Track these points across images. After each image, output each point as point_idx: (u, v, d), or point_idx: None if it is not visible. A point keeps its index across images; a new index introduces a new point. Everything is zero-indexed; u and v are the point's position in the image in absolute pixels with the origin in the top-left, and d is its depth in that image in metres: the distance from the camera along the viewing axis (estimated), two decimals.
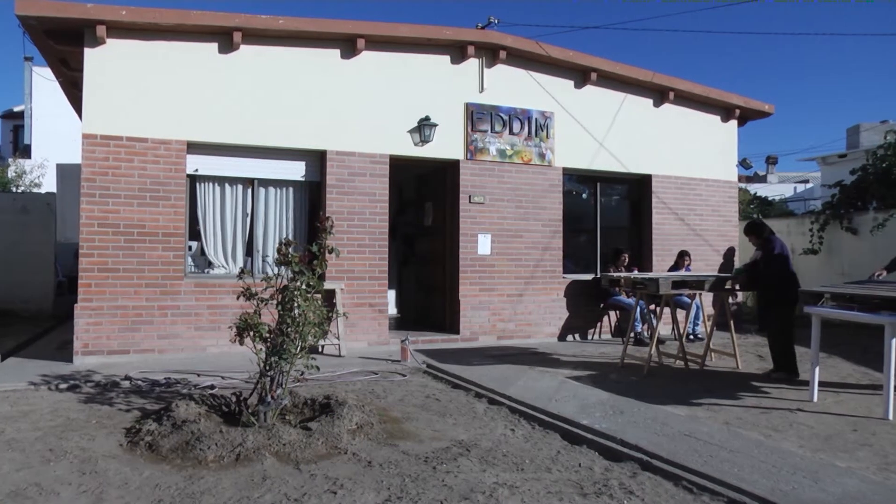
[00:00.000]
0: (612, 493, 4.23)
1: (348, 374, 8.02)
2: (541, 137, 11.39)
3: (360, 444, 5.13)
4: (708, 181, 13.16)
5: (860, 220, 14.75)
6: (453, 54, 10.80)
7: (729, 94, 13.20)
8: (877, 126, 24.26)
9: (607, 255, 12.04)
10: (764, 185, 32.18)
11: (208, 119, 9.31)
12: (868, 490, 4.24)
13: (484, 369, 8.32)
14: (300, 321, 5.45)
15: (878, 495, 4.15)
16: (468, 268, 10.85)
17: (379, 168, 10.24)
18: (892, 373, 6.31)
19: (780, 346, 8.22)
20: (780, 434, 5.71)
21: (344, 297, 9.77)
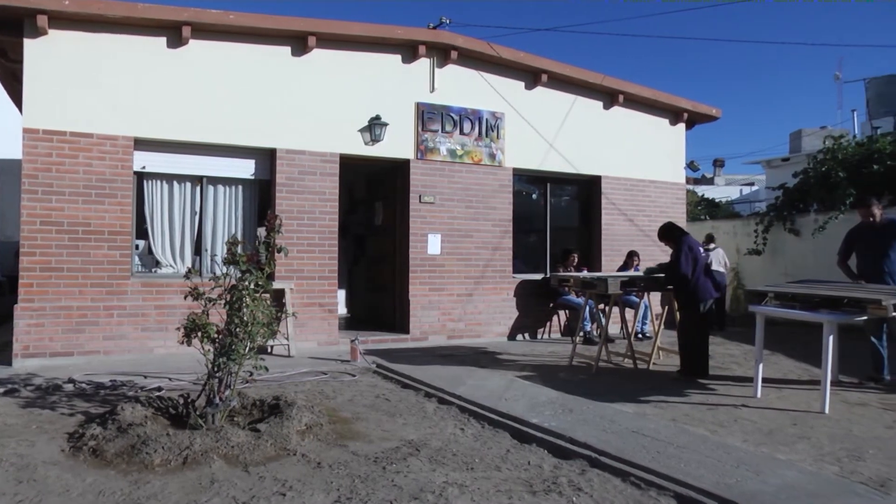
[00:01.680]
0: (561, 490, 4.27)
1: (298, 374, 7.96)
2: (491, 138, 11.45)
3: (310, 445, 5.10)
4: (656, 183, 13.38)
5: (802, 221, 15.16)
6: (405, 54, 10.80)
7: (677, 98, 13.43)
8: (817, 131, 24.98)
9: (557, 255, 12.17)
10: (711, 188, 32.82)
11: (156, 115, 9.14)
12: (804, 480, 4.40)
13: (434, 369, 8.33)
14: (249, 321, 5.39)
15: (813, 485, 4.32)
16: (418, 267, 10.86)
17: (329, 167, 10.18)
18: (828, 369, 6.54)
19: (684, 349, 8.30)
20: (726, 429, 5.84)
21: (293, 297, 9.70)
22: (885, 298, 6.41)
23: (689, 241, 8.26)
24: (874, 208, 7.99)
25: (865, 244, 8.03)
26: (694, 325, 8.15)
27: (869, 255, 7.96)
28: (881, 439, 5.58)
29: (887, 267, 7.79)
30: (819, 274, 10.91)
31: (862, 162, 14.55)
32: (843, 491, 4.26)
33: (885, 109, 21.78)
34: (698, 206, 22.93)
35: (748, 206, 24.17)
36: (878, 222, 7.95)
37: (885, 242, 7.83)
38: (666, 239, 8.59)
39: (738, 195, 30.83)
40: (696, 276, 8.04)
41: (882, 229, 7.90)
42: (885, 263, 7.81)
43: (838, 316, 6.69)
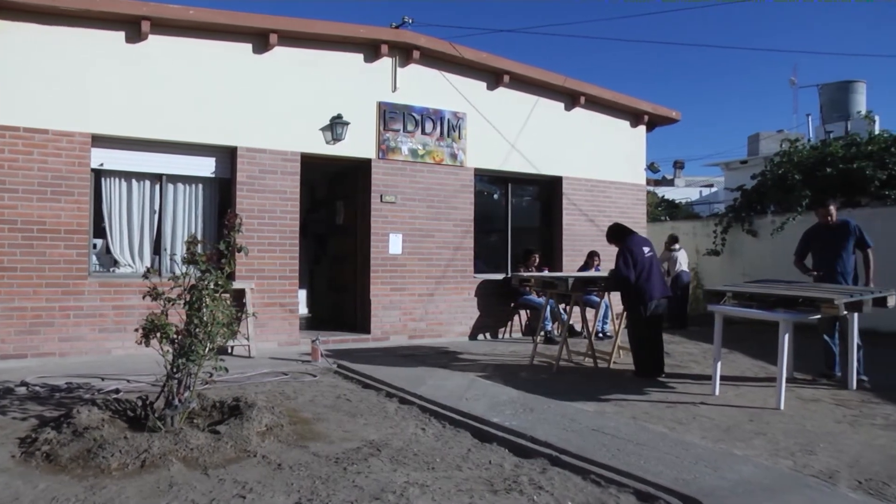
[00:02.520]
0: (521, 488, 4.29)
1: (258, 375, 7.90)
2: (453, 138, 11.47)
3: (270, 446, 5.06)
4: (617, 184, 13.51)
5: (760, 223, 15.49)
6: (367, 53, 10.77)
7: (638, 101, 13.58)
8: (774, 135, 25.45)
9: (518, 255, 12.23)
10: (671, 189, 33.22)
11: (115, 111, 9.00)
12: (760, 475, 4.51)
13: (395, 369, 8.33)
14: (208, 321, 5.33)
15: (768, 479, 4.43)
16: (379, 267, 10.84)
17: (290, 166, 10.12)
18: (784, 366, 6.70)
19: (633, 349, 8.40)
20: (684, 426, 5.92)
21: (254, 297, 9.62)
22: (837, 298, 6.59)
23: (630, 244, 8.27)
24: (832, 208, 8.18)
25: (821, 244, 8.22)
26: (641, 325, 8.23)
27: (824, 255, 8.17)
28: (832, 434, 5.75)
29: (840, 267, 7.99)
30: (776, 274, 11.10)
31: (816, 165, 14.91)
32: (795, 484, 4.38)
33: (838, 114, 22.27)
34: (658, 207, 23.21)
35: (707, 208, 24.51)
36: (833, 223, 8.13)
37: (839, 243, 8.03)
38: (612, 241, 8.67)
39: (697, 196, 31.22)
40: (639, 278, 8.09)
41: (836, 230, 8.10)
42: (838, 263, 8.01)
43: (793, 315, 6.88)
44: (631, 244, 8.23)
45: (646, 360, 8.21)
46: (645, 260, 8.15)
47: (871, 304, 7.09)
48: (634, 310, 8.22)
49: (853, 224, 8.09)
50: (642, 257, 8.14)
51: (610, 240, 8.72)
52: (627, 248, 8.19)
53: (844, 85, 23.82)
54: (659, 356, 8.30)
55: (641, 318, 8.17)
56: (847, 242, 8.00)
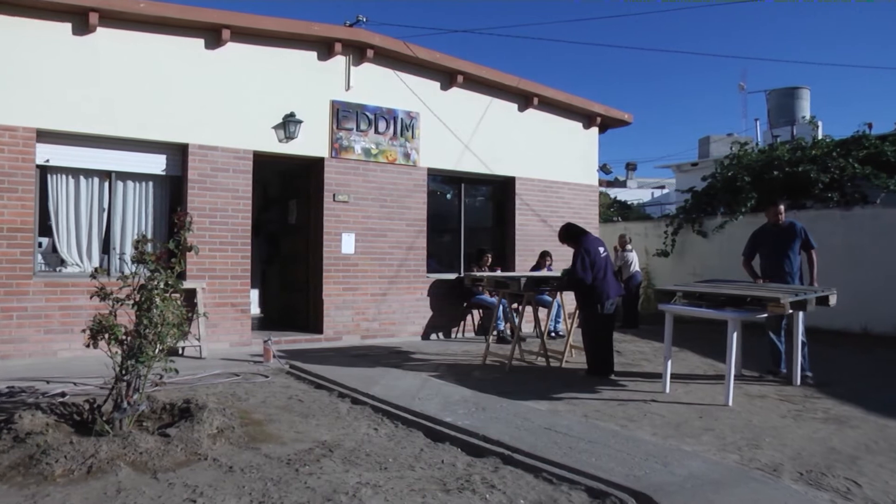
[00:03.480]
0: (474, 487, 4.31)
1: (209, 376, 7.79)
2: (406, 137, 11.46)
3: (221, 448, 5.00)
4: (570, 185, 13.64)
5: (710, 224, 15.79)
6: (321, 51, 10.70)
7: (591, 103, 13.72)
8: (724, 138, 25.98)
9: (471, 254, 12.27)
10: (624, 190, 33.66)
11: (61, 106, 8.78)
12: (709, 470, 4.61)
13: (347, 369, 8.29)
14: (158, 322, 5.25)
15: (716, 473, 4.54)
16: (332, 267, 10.79)
17: (242, 164, 10.01)
18: (732, 363, 6.86)
19: (588, 349, 8.45)
20: (635, 424, 6.01)
21: (205, 297, 9.50)
22: (783, 297, 6.76)
23: (586, 244, 8.32)
24: (781, 208, 8.36)
25: (768, 245, 8.40)
26: (594, 325, 8.30)
27: (772, 255, 8.34)
28: (776, 428, 5.93)
29: (788, 267, 8.18)
30: (725, 274, 11.35)
31: (764, 168, 15.29)
32: (742, 477, 4.51)
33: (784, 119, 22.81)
34: (611, 208, 23.51)
35: (659, 209, 24.90)
36: (781, 224, 8.31)
37: (786, 243, 8.21)
38: (565, 241, 8.71)
39: (649, 198, 31.65)
40: (595, 277, 8.15)
41: (784, 231, 8.28)
42: (785, 263, 8.20)
43: (741, 313, 7.04)
44: (587, 245, 8.28)
45: (599, 359, 8.29)
46: (600, 260, 8.22)
47: (814, 303, 7.29)
48: (590, 309, 8.29)
49: (799, 226, 8.27)
50: (598, 257, 8.21)
51: (563, 240, 8.76)
52: (584, 248, 8.22)
53: (790, 91, 24.42)
54: (610, 355, 8.39)
55: (596, 318, 8.24)
56: (794, 243, 8.17)
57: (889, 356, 10.22)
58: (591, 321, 8.31)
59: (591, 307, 8.26)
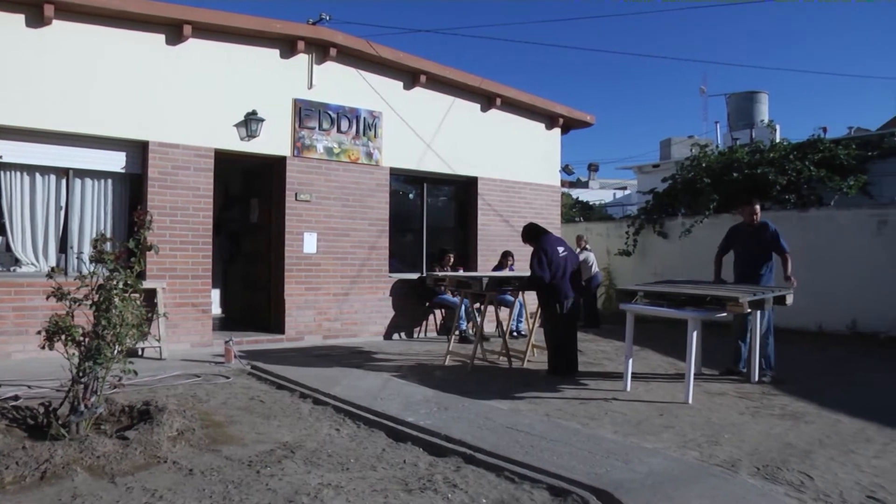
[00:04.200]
0: (436, 487, 4.32)
1: (170, 377, 7.69)
2: (369, 137, 11.43)
3: (182, 451, 4.93)
4: (532, 185, 13.71)
5: (670, 224, 16.04)
6: (283, 48, 10.63)
7: (553, 104, 13.81)
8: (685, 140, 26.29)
9: (433, 254, 12.28)
10: (585, 191, 33.87)
11: (16, 101, 8.56)
12: (669, 466, 4.70)
13: (309, 369, 8.26)
14: (117, 323, 5.17)
15: (676, 470, 4.62)
16: (294, 266, 10.72)
17: (204, 162, 9.89)
18: (692, 362, 6.95)
19: (549, 348, 8.51)
20: (597, 422, 6.07)
21: (165, 297, 9.37)
22: (741, 296, 6.87)
23: (544, 244, 8.38)
24: (757, 208, 8.48)
25: (742, 244, 8.51)
26: (555, 324, 8.36)
27: (745, 254, 8.45)
28: (735, 425, 6.04)
29: (760, 267, 8.29)
30: (685, 274, 11.52)
31: (724, 170, 15.56)
32: (701, 474, 4.59)
33: (744, 122, 23.18)
34: (573, 209, 23.68)
35: (620, 210, 25.14)
36: (755, 224, 8.42)
37: (758, 243, 8.33)
38: (527, 240, 8.77)
39: (611, 199, 31.90)
40: (554, 276, 8.20)
41: (757, 231, 8.39)
42: (758, 263, 8.31)
43: (701, 313, 7.13)
44: (545, 244, 8.33)
45: (560, 358, 8.34)
46: (559, 259, 8.27)
47: (772, 302, 7.42)
48: (550, 308, 8.35)
49: (772, 228, 8.36)
50: (556, 256, 8.26)
51: (525, 240, 8.81)
52: (542, 248, 8.29)
53: (749, 95, 24.83)
54: (573, 354, 8.46)
55: (556, 317, 8.30)
56: (766, 244, 8.28)
57: (842, 354, 10.50)
58: (552, 320, 8.37)
59: (551, 306, 8.32)
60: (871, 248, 12.59)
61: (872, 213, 12.91)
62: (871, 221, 12.79)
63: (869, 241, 12.67)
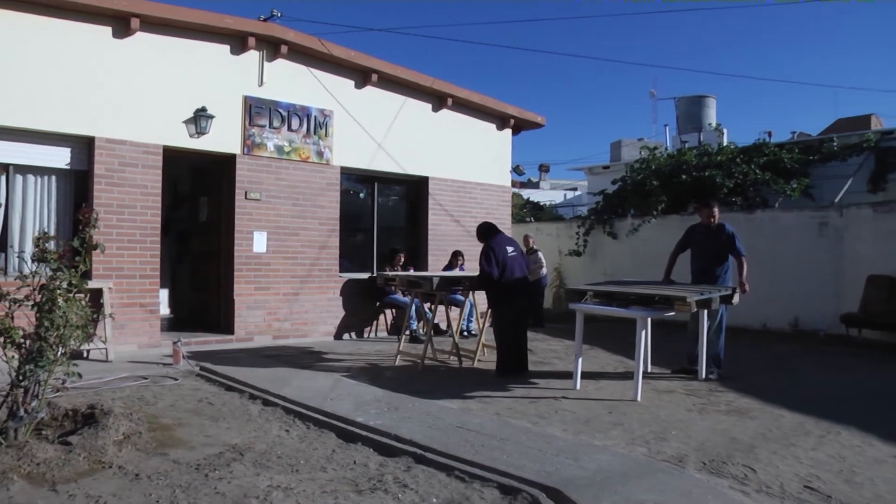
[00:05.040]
0: (386, 487, 4.32)
1: (116, 380, 7.54)
2: (319, 135, 11.36)
3: (128, 455, 4.84)
4: (483, 185, 13.78)
5: (620, 225, 16.29)
6: (234, 45, 10.48)
7: (504, 105, 13.88)
8: (635, 142, 26.66)
9: (384, 254, 12.25)
10: (536, 191, 34.08)
11: None
12: (617, 463, 4.79)
13: (259, 370, 8.19)
14: (61, 324, 5.05)
15: (625, 466, 4.72)
16: (244, 266, 10.60)
17: (152, 159, 9.70)
18: (641, 360, 7.09)
19: (498, 347, 8.55)
20: (546, 420, 6.13)
21: (112, 297, 9.16)
22: (689, 296, 6.99)
23: (493, 243, 8.44)
24: (715, 210, 8.60)
25: (699, 245, 8.62)
26: (504, 323, 8.41)
27: (702, 254, 8.56)
28: (682, 421, 6.16)
29: (716, 269, 8.41)
30: (635, 273, 11.69)
31: (672, 172, 15.86)
32: (649, 469, 4.69)
33: (692, 126, 23.56)
34: (523, 209, 23.84)
35: (571, 210, 25.36)
36: (713, 225, 8.55)
37: (714, 244, 8.45)
38: (480, 239, 8.83)
39: (561, 199, 32.12)
40: (503, 275, 8.25)
41: (714, 232, 8.51)
42: (714, 264, 8.43)
43: (649, 312, 7.27)
44: (493, 243, 8.40)
45: (510, 357, 8.38)
46: (508, 259, 8.32)
47: (718, 301, 7.56)
48: (499, 308, 8.39)
49: (729, 230, 8.48)
50: (505, 256, 8.32)
51: (479, 237, 8.88)
52: (490, 246, 8.36)
53: (698, 99, 25.25)
54: (523, 353, 8.51)
55: (505, 317, 8.35)
56: (722, 245, 8.40)
57: (785, 351, 10.78)
58: (501, 320, 8.42)
59: (500, 306, 8.37)
60: (812, 249, 12.98)
61: (814, 215, 13.30)
62: (812, 223, 13.19)
63: (811, 242, 13.06)
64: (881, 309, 11.32)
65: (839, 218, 12.87)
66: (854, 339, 11.63)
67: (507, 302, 8.32)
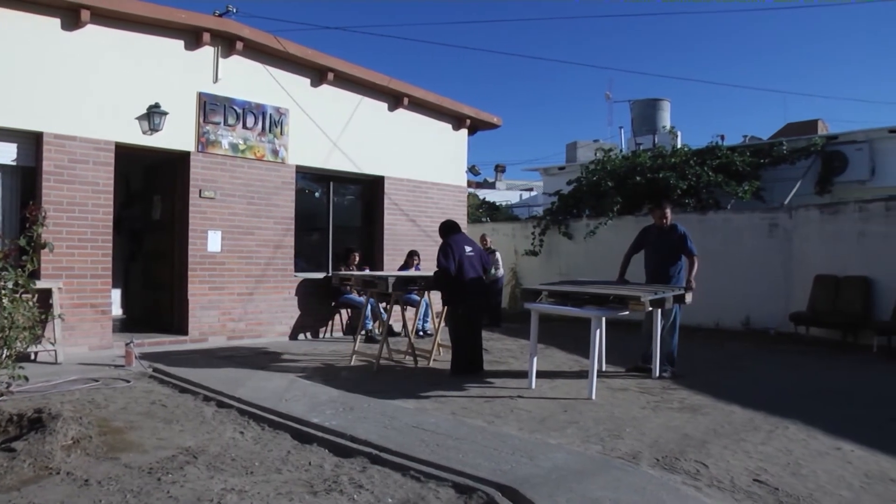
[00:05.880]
0: (342, 488, 4.30)
1: (65, 382, 7.37)
2: (275, 134, 11.27)
3: (77, 460, 4.71)
4: (439, 185, 13.79)
5: (575, 226, 16.46)
6: (188, 40, 10.33)
7: (460, 105, 13.91)
8: (591, 144, 26.84)
9: (339, 254, 12.20)
10: (492, 191, 34.23)
11: None
12: (572, 461, 4.83)
13: (213, 371, 8.10)
14: (6, 325, 4.95)
15: (580, 464, 4.76)
16: (198, 265, 10.45)
17: (104, 156, 9.51)
18: (595, 359, 7.15)
19: (453, 346, 8.59)
20: (502, 420, 6.16)
21: (62, 298, 8.96)
22: (643, 295, 7.07)
23: (451, 240, 8.48)
24: (667, 212, 8.69)
25: (652, 245, 8.71)
26: (459, 323, 8.45)
27: (655, 255, 8.66)
28: (637, 419, 6.25)
29: (670, 269, 8.51)
30: (590, 273, 11.81)
31: (627, 174, 16.07)
32: (604, 466, 4.75)
33: (646, 128, 23.81)
34: (479, 209, 23.94)
35: (527, 210, 25.52)
36: (665, 226, 8.64)
37: (667, 245, 8.55)
38: (441, 236, 8.83)
39: (517, 199, 32.28)
40: (458, 273, 8.28)
41: (666, 233, 8.61)
42: (667, 264, 8.53)
43: (604, 311, 7.33)
44: (452, 241, 8.45)
45: (465, 356, 8.41)
46: (465, 257, 8.35)
47: (672, 301, 7.66)
48: (454, 306, 8.43)
49: (681, 230, 8.58)
50: (462, 254, 8.35)
51: (440, 234, 8.89)
52: (447, 243, 8.41)
53: (652, 102, 25.53)
54: (478, 353, 8.54)
55: (461, 316, 8.38)
56: (675, 245, 8.50)
57: (737, 349, 11.02)
58: (457, 319, 8.44)
59: (455, 305, 8.42)
60: (763, 250, 13.30)
61: (764, 216, 13.63)
62: (763, 224, 13.51)
63: (761, 243, 13.38)
64: (828, 308, 11.67)
65: (788, 219, 13.18)
66: (803, 336, 11.93)
67: (462, 301, 8.35)
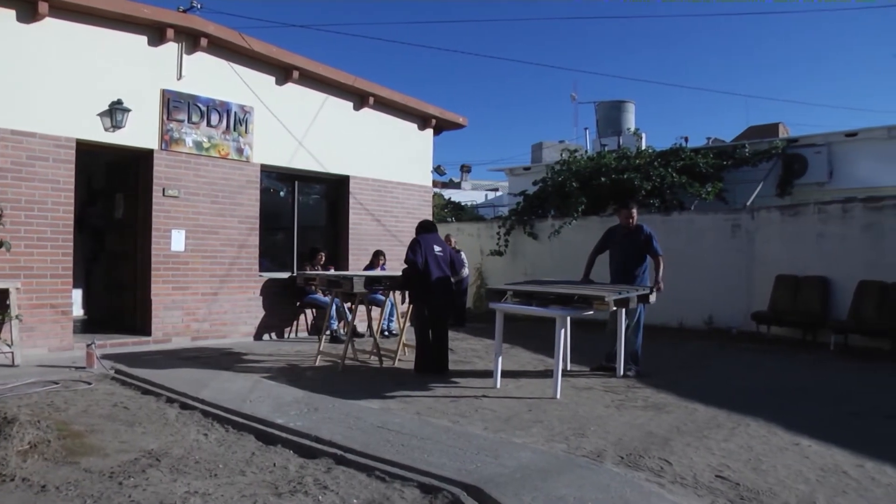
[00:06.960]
0: (307, 489, 4.30)
1: (23, 385, 7.22)
2: (239, 132, 11.17)
3: (34, 466, 4.60)
4: (404, 185, 13.78)
5: (541, 226, 16.56)
6: (152, 36, 10.18)
7: (426, 105, 13.91)
8: (556, 144, 27.02)
9: (304, 253, 12.14)
10: (458, 191, 34.24)
11: None
12: (537, 459, 4.87)
13: (177, 372, 8.02)
14: None
15: (544, 463, 4.79)
16: (161, 265, 10.32)
17: (64, 153, 9.33)
18: (560, 359, 7.21)
19: (417, 346, 8.62)
20: (467, 419, 6.18)
21: (20, 298, 8.75)
22: (607, 295, 7.13)
23: (421, 237, 8.52)
24: (633, 212, 8.76)
25: (618, 245, 8.78)
26: (424, 322, 8.48)
27: (621, 255, 8.72)
28: (601, 417, 6.31)
29: (635, 269, 8.57)
30: (555, 273, 11.87)
31: (592, 174, 16.20)
32: (569, 465, 4.79)
33: (611, 130, 24.00)
34: (445, 209, 23.97)
35: (492, 210, 25.58)
36: (632, 227, 8.70)
37: (633, 245, 8.62)
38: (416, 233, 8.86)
39: (483, 199, 32.34)
40: (425, 271, 8.30)
41: (632, 234, 8.67)
42: (632, 265, 8.59)
43: (568, 311, 7.39)
44: (421, 238, 8.50)
45: (430, 355, 8.43)
46: (432, 256, 8.37)
47: (636, 300, 7.73)
48: (419, 306, 8.46)
49: (647, 231, 8.65)
50: (429, 252, 8.37)
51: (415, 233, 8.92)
52: (416, 240, 8.46)
53: (617, 104, 25.75)
54: (443, 352, 8.55)
55: (426, 316, 8.41)
56: (640, 246, 8.57)
57: (700, 348, 11.18)
58: (422, 319, 8.47)
59: (420, 304, 8.45)
60: (725, 250, 13.50)
61: (727, 217, 13.83)
62: (725, 225, 13.72)
63: (724, 243, 13.58)
64: (788, 307, 11.92)
65: (750, 221, 13.38)
66: (764, 335, 12.13)
67: (427, 300, 8.36)
